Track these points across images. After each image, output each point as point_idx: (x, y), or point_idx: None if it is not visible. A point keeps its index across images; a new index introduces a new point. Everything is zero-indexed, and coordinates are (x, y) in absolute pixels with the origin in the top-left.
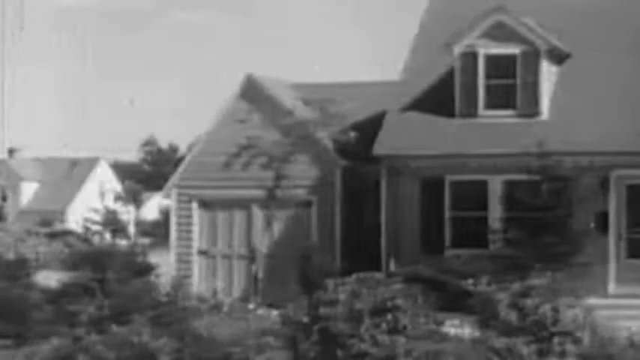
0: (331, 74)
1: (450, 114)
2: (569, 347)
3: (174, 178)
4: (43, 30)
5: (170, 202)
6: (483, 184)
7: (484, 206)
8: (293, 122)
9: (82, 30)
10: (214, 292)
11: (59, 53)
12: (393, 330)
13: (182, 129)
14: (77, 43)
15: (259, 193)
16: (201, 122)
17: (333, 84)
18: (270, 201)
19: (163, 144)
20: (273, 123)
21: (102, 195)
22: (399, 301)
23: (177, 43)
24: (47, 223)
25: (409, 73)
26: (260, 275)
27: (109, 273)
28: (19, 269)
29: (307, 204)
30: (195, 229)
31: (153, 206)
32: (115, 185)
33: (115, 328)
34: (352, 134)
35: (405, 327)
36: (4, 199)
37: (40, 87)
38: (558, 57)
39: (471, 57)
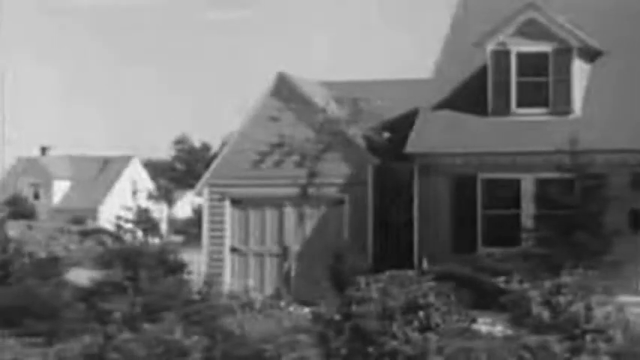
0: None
1: (483, 112)
2: (602, 345)
3: (207, 176)
4: (75, 29)
5: (202, 200)
6: (516, 182)
7: (516, 204)
8: (325, 120)
9: (114, 29)
10: (246, 290)
11: (92, 52)
12: (425, 328)
13: (214, 127)
14: (110, 41)
15: (291, 191)
16: (233, 120)
17: (365, 82)
18: (303, 199)
19: (196, 142)
20: (305, 121)
21: (134, 193)
22: (431, 299)
23: (211, 40)
24: (79, 221)
25: (441, 71)
26: (292, 273)
27: (141, 271)
28: (51, 267)
29: (339, 202)
30: (228, 227)
31: (185, 204)
32: (147, 183)
33: (146, 325)
34: (385, 134)
35: (437, 325)
36: (37, 197)
37: (72, 86)
38: (590, 54)
39: (503, 55)
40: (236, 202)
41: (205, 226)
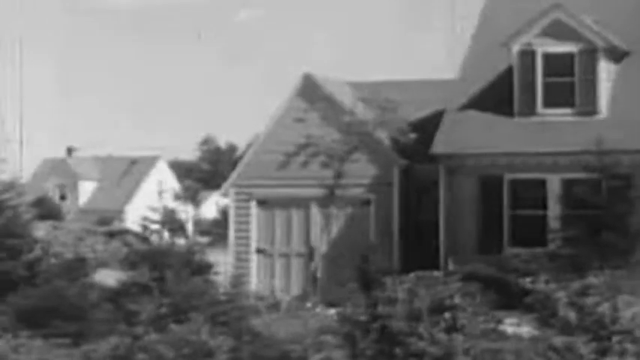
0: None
1: (508, 112)
2: (629, 346)
3: (233, 177)
4: (99, 28)
5: (228, 201)
6: (542, 183)
7: (543, 205)
8: (353, 121)
9: (141, 29)
10: (272, 291)
11: (119, 52)
12: (452, 328)
13: (240, 128)
14: (136, 42)
15: (317, 191)
16: (259, 121)
17: (390, 82)
18: (329, 200)
19: (222, 143)
20: (331, 122)
21: (160, 194)
22: (458, 300)
23: (237, 41)
24: (105, 221)
25: (467, 71)
26: (318, 274)
27: (167, 272)
28: (77, 268)
29: (366, 203)
30: (254, 227)
31: (211, 205)
32: (173, 184)
33: (173, 326)
34: (412, 135)
35: (463, 325)
36: (63, 198)
37: (98, 86)
38: (616, 55)
39: (529, 55)
40: (262, 202)
41: (231, 226)
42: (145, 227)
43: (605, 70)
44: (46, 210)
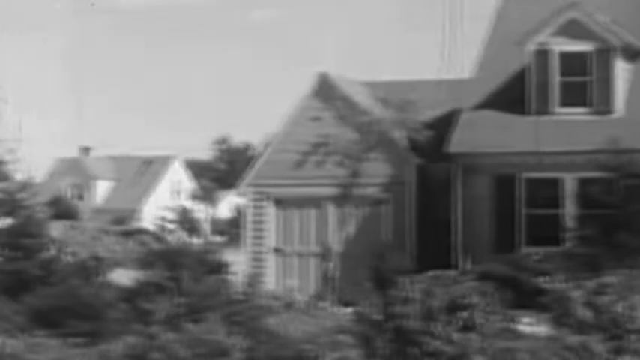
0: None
1: (524, 112)
2: None
3: (248, 177)
4: (114, 27)
5: (244, 201)
6: (557, 182)
7: (558, 204)
8: (368, 120)
9: (156, 29)
10: (288, 290)
11: (134, 52)
12: (467, 327)
13: (256, 127)
14: (151, 41)
15: (333, 191)
16: (274, 120)
17: (404, 82)
18: (345, 199)
19: (237, 142)
20: (348, 121)
21: (176, 193)
22: (473, 299)
23: (252, 41)
24: (121, 221)
25: (481, 70)
26: (334, 273)
27: (183, 271)
28: (93, 267)
29: (381, 202)
30: (269, 227)
31: (227, 204)
32: (188, 184)
33: (188, 325)
34: (427, 132)
35: (479, 325)
36: (79, 197)
37: (113, 86)
38: (632, 54)
39: (544, 55)
40: (278, 202)
41: (247, 226)
42: (161, 227)
43: (621, 69)
44: (62, 210)
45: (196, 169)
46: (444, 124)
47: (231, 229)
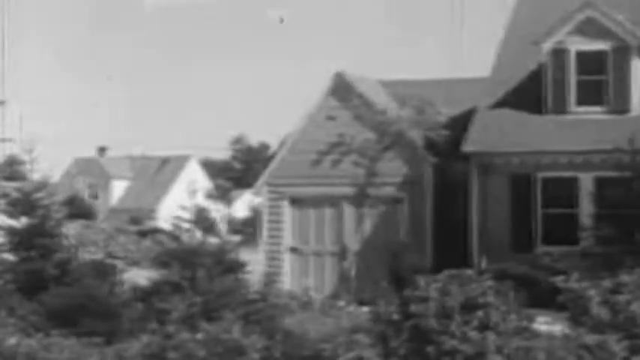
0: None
1: (540, 111)
2: None
3: (265, 176)
4: (129, 27)
5: (261, 200)
6: (574, 181)
7: (575, 203)
8: (385, 120)
9: (174, 28)
10: (305, 289)
11: (150, 52)
12: (484, 327)
13: (272, 126)
14: (168, 41)
15: (349, 190)
16: (291, 120)
17: (421, 81)
18: (361, 198)
19: (253, 142)
20: (365, 120)
21: (192, 193)
22: (490, 298)
23: (268, 40)
24: (137, 220)
25: (498, 69)
26: (351, 272)
27: (199, 270)
28: (109, 267)
29: (398, 201)
30: (286, 226)
31: (243, 204)
32: (205, 183)
33: (205, 325)
34: (444, 132)
35: (495, 324)
36: (95, 197)
37: (129, 85)
38: None
39: (561, 54)
40: (294, 201)
41: (264, 225)
42: (177, 226)
43: (638, 67)
44: (78, 209)
45: (213, 168)
46: (461, 124)
47: (248, 229)
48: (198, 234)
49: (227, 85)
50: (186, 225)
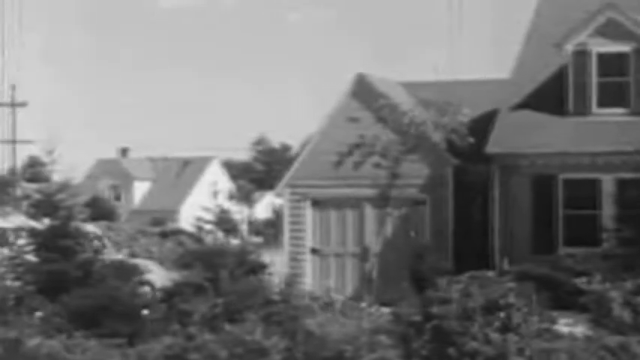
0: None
1: (562, 112)
2: None
3: (287, 177)
4: (149, 28)
5: (282, 201)
6: (596, 183)
7: (597, 204)
8: (407, 121)
9: (194, 30)
10: (326, 291)
11: (170, 54)
12: (505, 328)
13: (294, 128)
14: (189, 43)
15: (371, 191)
16: (313, 121)
17: (443, 82)
18: (383, 200)
19: (275, 143)
20: (387, 122)
21: (214, 194)
22: (512, 300)
23: (290, 42)
24: (159, 222)
25: (520, 71)
26: (372, 273)
27: (221, 272)
28: (131, 268)
29: (419, 202)
30: (308, 227)
31: (265, 205)
32: (227, 184)
33: (227, 326)
34: (469, 139)
35: (517, 325)
36: (117, 198)
37: (150, 86)
38: None
39: (582, 55)
40: (316, 202)
41: (285, 226)
42: (199, 227)
43: None
44: (100, 210)
45: (234, 169)
46: (483, 125)
47: (269, 230)
48: (221, 235)
49: (248, 86)
50: (208, 226)
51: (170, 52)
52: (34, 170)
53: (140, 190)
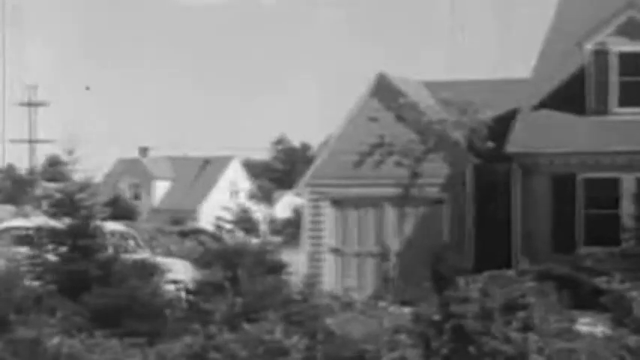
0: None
1: (582, 112)
2: None
3: (306, 177)
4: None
5: (302, 201)
6: (616, 182)
7: (616, 204)
8: (428, 121)
9: (213, 28)
10: (346, 290)
11: (190, 52)
12: (525, 328)
13: (314, 127)
14: (207, 41)
15: (391, 191)
16: (333, 120)
17: (463, 82)
18: (403, 199)
19: (295, 142)
20: (408, 121)
21: (234, 193)
22: (531, 299)
23: (310, 40)
24: (179, 221)
25: (540, 70)
26: (392, 273)
27: (241, 271)
28: (151, 267)
29: (439, 202)
30: (327, 227)
31: (285, 205)
32: (246, 184)
33: (247, 325)
34: (490, 143)
35: (537, 324)
36: (137, 197)
37: (171, 86)
38: None
39: (603, 55)
40: (336, 202)
41: (305, 226)
42: (219, 227)
43: None
44: (120, 210)
45: (254, 169)
46: (503, 124)
47: (289, 230)
48: (240, 235)
49: (268, 86)
50: (228, 226)
51: (190, 50)
52: (55, 170)
53: (160, 189)
